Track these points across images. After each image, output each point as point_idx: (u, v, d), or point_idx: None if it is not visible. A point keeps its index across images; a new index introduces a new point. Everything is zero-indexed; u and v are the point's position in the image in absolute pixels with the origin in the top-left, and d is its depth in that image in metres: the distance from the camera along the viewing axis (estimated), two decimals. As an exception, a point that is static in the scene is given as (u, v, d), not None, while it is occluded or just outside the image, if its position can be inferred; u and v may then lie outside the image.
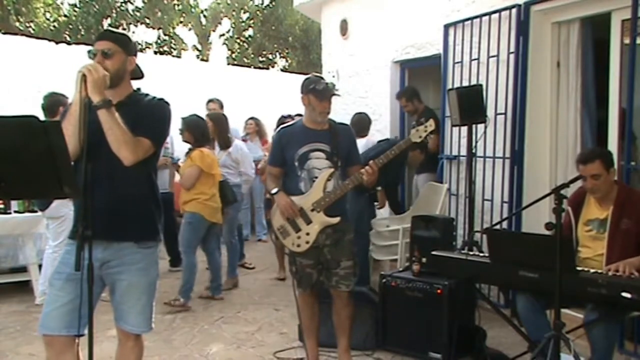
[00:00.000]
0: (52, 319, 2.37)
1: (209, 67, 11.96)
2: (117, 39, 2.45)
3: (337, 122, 3.53)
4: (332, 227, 3.37)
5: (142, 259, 2.48)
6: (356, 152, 3.56)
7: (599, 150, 3.36)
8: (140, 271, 2.47)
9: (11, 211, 5.04)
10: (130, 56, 2.48)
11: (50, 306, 2.40)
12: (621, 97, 3.89)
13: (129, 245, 2.44)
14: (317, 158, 3.38)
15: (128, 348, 2.55)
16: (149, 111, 2.47)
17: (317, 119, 3.39)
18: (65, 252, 2.47)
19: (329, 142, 3.39)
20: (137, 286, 2.48)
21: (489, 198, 4.79)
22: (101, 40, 2.42)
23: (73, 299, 2.31)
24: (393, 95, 6.19)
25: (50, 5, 18.03)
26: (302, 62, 19.77)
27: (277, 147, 3.53)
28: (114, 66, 2.39)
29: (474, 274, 3.36)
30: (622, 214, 3.20)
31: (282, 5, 19.21)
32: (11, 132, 1.96)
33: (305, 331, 3.65)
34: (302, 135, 3.43)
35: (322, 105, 3.37)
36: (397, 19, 5.95)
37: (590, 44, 4.43)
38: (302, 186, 3.41)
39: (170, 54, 20.17)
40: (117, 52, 2.41)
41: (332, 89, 3.40)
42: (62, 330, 2.36)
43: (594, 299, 2.90)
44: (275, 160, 3.55)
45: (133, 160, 2.33)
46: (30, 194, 2.15)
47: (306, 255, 3.42)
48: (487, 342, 3.79)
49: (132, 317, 2.48)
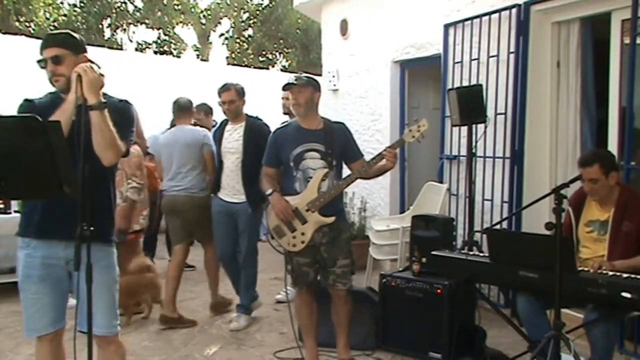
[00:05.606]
0: (36, 321, 2.45)
1: (209, 67, 11.97)
2: (63, 42, 2.41)
3: (332, 121, 3.56)
4: (328, 226, 3.39)
5: (105, 257, 2.50)
6: (355, 148, 3.56)
7: (599, 154, 3.34)
8: (103, 269, 2.46)
9: (11, 211, 5.04)
10: (80, 54, 2.44)
11: (31, 309, 2.46)
12: (621, 97, 3.89)
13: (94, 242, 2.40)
14: (311, 158, 3.41)
15: (111, 352, 2.54)
16: (119, 114, 2.45)
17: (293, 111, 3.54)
18: (25, 255, 2.46)
19: (323, 141, 3.41)
20: (102, 284, 2.45)
21: (489, 198, 4.79)
22: (48, 48, 2.39)
23: (51, 297, 2.42)
24: (393, 95, 6.20)
25: (50, 5, 18.03)
26: (302, 62, 19.77)
27: (273, 147, 3.56)
28: (68, 70, 2.36)
29: (474, 274, 3.36)
30: (624, 216, 3.18)
31: (282, 5, 19.21)
32: (11, 132, 1.96)
33: (304, 330, 3.66)
34: (297, 135, 3.46)
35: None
36: (397, 19, 5.95)
37: (590, 44, 4.42)
38: (297, 186, 3.43)
39: (170, 54, 20.18)
40: (67, 55, 2.38)
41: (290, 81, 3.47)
42: (49, 328, 2.46)
43: (594, 299, 2.90)
44: (270, 161, 3.58)
45: (114, 162, 2.40)
46: (30, 194, 2.14)
47: (303, 254, 3.43)
48: (487, 342, 3.79)
49: (98, 318, 2.39)
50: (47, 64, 2.39)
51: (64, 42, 2.42)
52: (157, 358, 3.89)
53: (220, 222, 4.49)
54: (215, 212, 4.52)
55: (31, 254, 2.45)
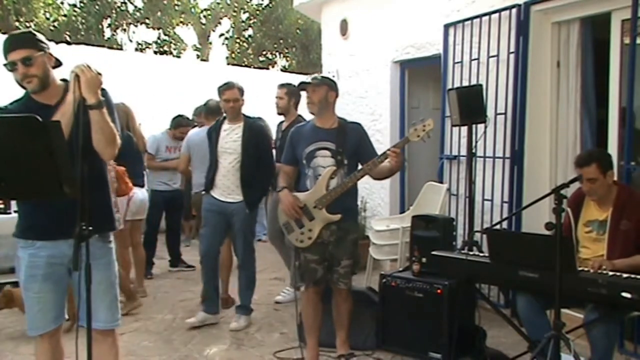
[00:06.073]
0: (40, 319, 2.49)
1: (209, 67, 11.96)
2: (31, 42, 2.39)
3: (348, 121, 3.61)
4: (336, 225, 3.43)
5: (106, 254, 2.54)
6: (369, 149, 3.55)
7: (596, 154, 3.36)
8: (105, 265, 2.51)
9: (11, 211, 5.04)
10: (46, 52, 2.43)
11: (34, 308, 2.49)
12: (621, 97, 3.89)
13: (94, 239, 2.41)
14: (322, 156, 3.46)
15: (107, 344, 2.57)
16: (109, 107, 2.43)
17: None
18: (29, 255, 2.46)
19: (335, 140, 3.45)
20: (105, 281, 2.51)
21: (489, 198, 4.79)
22: (15, 50, 2.35)
23: (54, 295, 2.47)
24: (393, 95, 6.20)
25: (50, 5, 18.03)
26: (302, 62, 19.77)
27: (289, 145, 3.64)
28: (40, 69, 2.37)
29: (474, 274, 3.36)
30: (622, 215, 3.19)
31: (282, 5, 19.20)
32: (11, 131, 1.96)
33: (307, 329, 3.66)
34: (311, 133, 3.53)
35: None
36: (397, 19, 5.95)
37: (590, 44, 4.42)
38: (308, 184, 3.50)
39: (170, 54, 20.18)
40: (34, 55, 2.36)
41: (304, 81, 3.54)
42: (51, 325, 2.52)
43: (594, 299, 2.90)
44: (286, 159, 3.67)
45: (114, 156, 2.47)
46: (30, 194, 2.14)
47: (311, 250, 3.48)
48: (487, 342, 3.79)
49: (102, 314, 2.48)
50: (15, 66, 2.35)
51: (32, 42, 2.39)
52: (157, 358, 3.89)
53: (210, 220, 4.48)
54: (206, 210, 4.52)
55: (36, 253, 2.45)
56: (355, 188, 3.56)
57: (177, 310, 4.84)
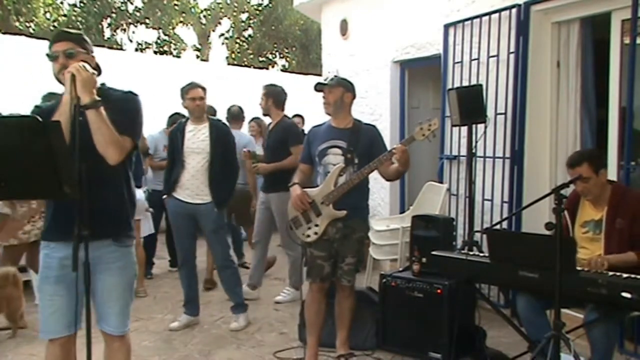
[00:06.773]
0: (52, 323, 2.43)
1: (209, 67, 11.96)
2: (77, 39, 2.43)
3: (363, 123, 3.67)
4: (342, 222, 3.47)
5: (120, 258, 2.49)
6: (382, 150, 3.55)
7: (587, 153, 3.38)
8: (119, 270, 2.48)
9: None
10: (91, 54, 2.47)
11: (47, 310, 2.44)
12: (621, 97, 3.89)
13: (107, 243, 2.43)
14: (333, 154, 3.52)
15: (115, 349, 2.55)
16: (124, 107, 2.44)
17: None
18: (44, 256, 2.46)
19: (347, 139, 3.50)
20: (117, 286, 2.48)
21: (489, 198, 4.79)
22: (62, 42, 2.39)
23: (67, 299, 2.39)
24: (393, 95, 6.20)
25: (50, 5, 18.03)
26: (302, 62, 19.79)
27: (306, 144, 3.72)
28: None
29: (474, 274, 3.36)
30: (616, 214, 3.20)
31: (282, 5, 19.21)
32: (11, 132, 1.96)
33: (309, 327, 3.67)
34: (325, 133, 3.60)
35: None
36: (397, 19, 5.95)
37: (590, 44, 4.42)
38: (319, 180, 3.57)
39: (170, 54, 20.18)
40: (79, 52, 2.40)
41: (320, 82, 3.64)
42: (64, 332, 2.43)
43: (594, 299, 2.90)
44: (303, 157, 3.75)
45: (118, 160, 2.35)
46: (30, 194, 2.14)
47: (318, 246, 3.52)
48: (487, 342, 3.79)
49: (112, 319, 2.48)
50: (57, 57, 2.37)
51: (78, 39, 2.45)
52: (157, 358, 3.89)
53: (180, 225, 4.47)
54: (173, 213, 4.50)
55: (50, 254, 2.44)
56: (366, 187, 3.59)
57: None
